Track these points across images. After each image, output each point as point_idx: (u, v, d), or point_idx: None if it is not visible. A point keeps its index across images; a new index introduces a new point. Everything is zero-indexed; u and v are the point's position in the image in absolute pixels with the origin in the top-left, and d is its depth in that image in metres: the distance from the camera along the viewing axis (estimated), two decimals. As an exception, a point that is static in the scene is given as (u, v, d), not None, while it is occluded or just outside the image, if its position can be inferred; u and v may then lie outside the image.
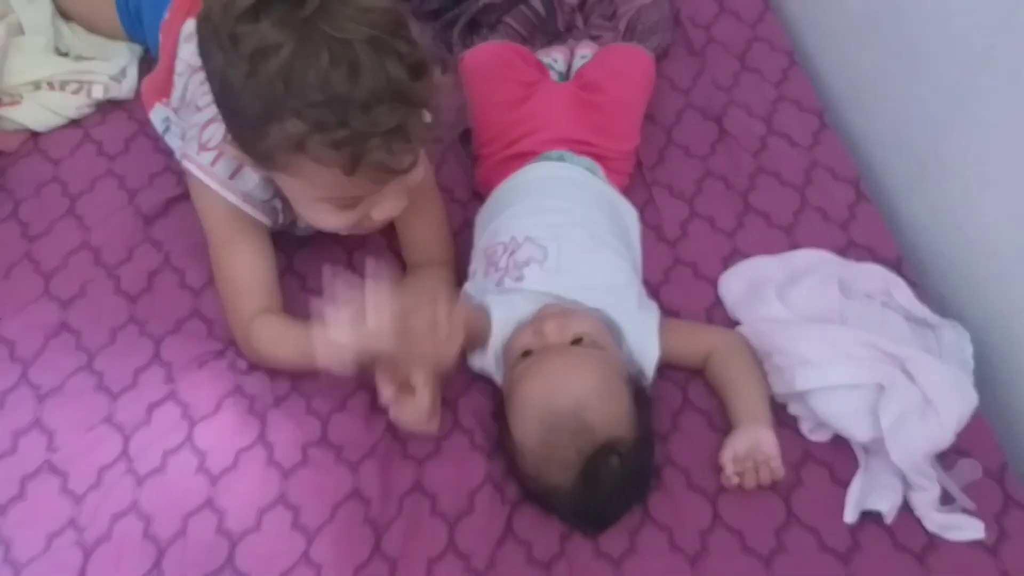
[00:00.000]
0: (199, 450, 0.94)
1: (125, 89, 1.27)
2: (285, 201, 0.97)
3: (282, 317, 0.98)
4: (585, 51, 1.24)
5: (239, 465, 0.93)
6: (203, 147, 0.96)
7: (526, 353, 0.91)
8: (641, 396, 0.91)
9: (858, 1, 1.21)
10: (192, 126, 1.00)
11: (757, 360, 0.97)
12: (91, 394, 0.99)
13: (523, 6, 1.29)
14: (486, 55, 1.17)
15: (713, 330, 1.02)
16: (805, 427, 0.96)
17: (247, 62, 0.76)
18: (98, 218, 1.14)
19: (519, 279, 0.97)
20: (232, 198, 0.96)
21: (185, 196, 1.15)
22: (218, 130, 0.94)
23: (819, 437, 0.95)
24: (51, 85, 1.24)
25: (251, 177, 0.95)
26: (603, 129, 1.11)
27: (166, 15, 1.18)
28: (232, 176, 0.96)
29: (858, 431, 0.90)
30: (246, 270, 0.99)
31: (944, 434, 0.87)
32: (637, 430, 0.87)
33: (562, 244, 0.99)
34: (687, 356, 0.99)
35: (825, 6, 1.30)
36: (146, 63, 1.30)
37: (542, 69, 1.20)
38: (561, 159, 1.09)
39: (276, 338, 0.96)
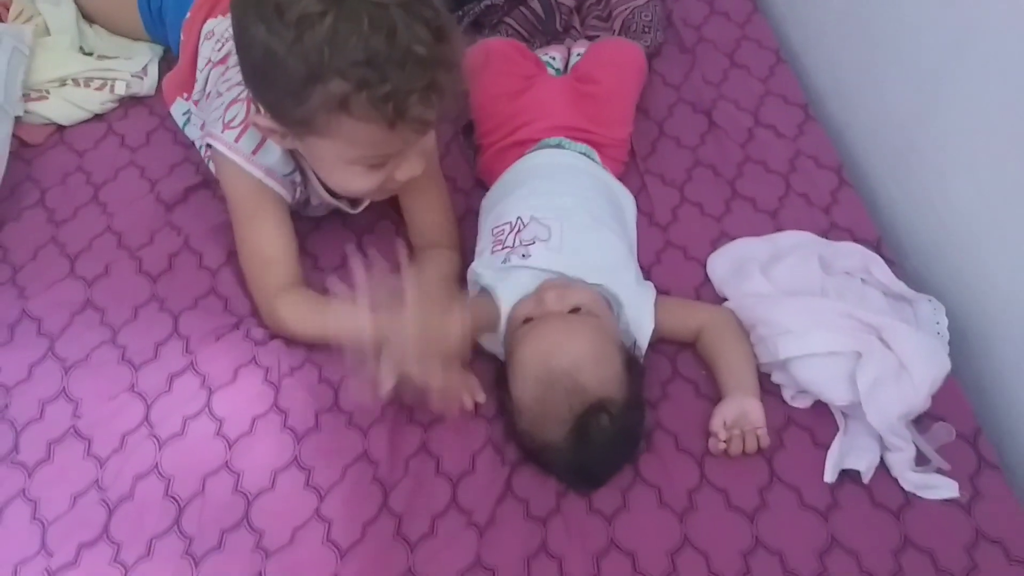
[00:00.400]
0: (217, 417, 1.00)
1: (146, 86, 1.34)
2: (303, 175, 1.03)
3: (307, 293, 1.05)
4: (580, 49, 1.31)
5: (255, 430, 0.99)
6: (227, 126, 1.03)
7: (527, 320, 0.97)
8: (633, 363, 0.97)
9: (840, 1, 1.27)
10: (215, 108, 1.07)
11: (745, 334, 1.02)
12: (114, 365, 1.05)
13: (523, 8, 1.35)
14: (488, 50, 1.24)
15: (705, 307, 1.08)
16: (787, 394, 1.01)
17: (293, 29, 0.82)
18: (121, 205, 1.21)
19: (525, 256, 1.03)
20: (256, 172, 1.02)
21: (203, 184, 1.23)
22: (240, 110, 1.02)
23: (801, 403, 1.00)
24: (76, 82, 1.30)
25: (273, 151, 1.02)
26: (597, 117, 1.18)
27: (187, 15, 1.25)
28: (255, 151, 1.02)
29: (837, 395, 0.95)
30: (271, 243, 1.05)
31: (918, 397, 0.92)
32: (627, 392, 0.93)
33: (565, 224, 1.05)
34: (680, 331, 1.04)
35: (810, 6, 1.37)
36: (165, 62, 1.37)
37: (540, 65, 1.27)
38: (560, 146, 1.16)
39: (303, 316, 1.03)
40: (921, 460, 0.95)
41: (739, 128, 1.27)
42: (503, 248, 1.05)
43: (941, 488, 0.93)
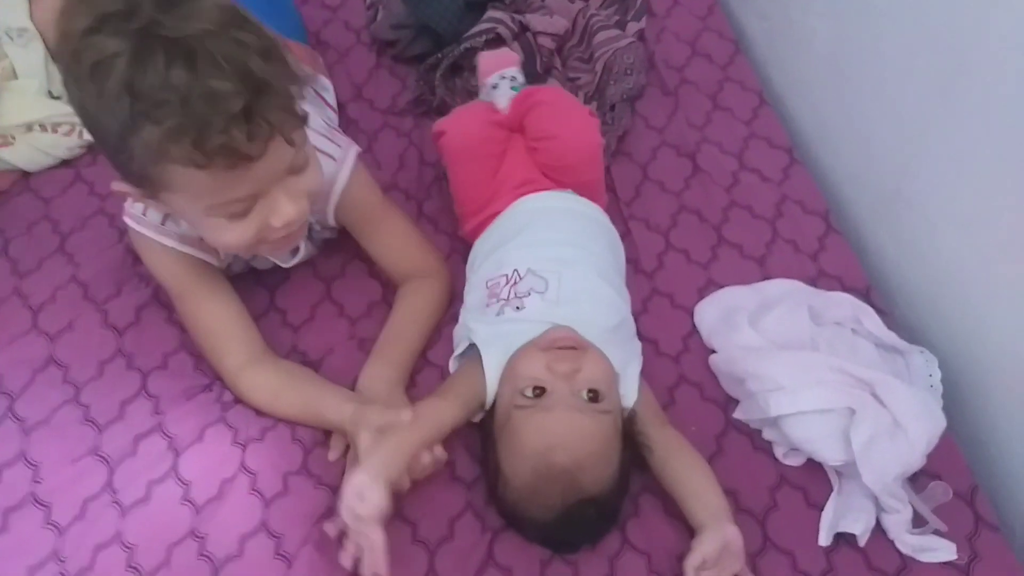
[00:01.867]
0: (183, 480, 0.95)
1: None
2: None
3: (271, 369, 1.01)
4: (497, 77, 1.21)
5: (223, 494, 0.94)
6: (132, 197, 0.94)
7: (537, 389, 0.89)
8: (626, 444, 0.91)
9: (823, 44, 1.26)
10: None
11: (697, 454, 0.94)
12: (77, 426, 1.00)
13: (504, 49, 1.33)
14: (463, 137, 1.10)
15: (666, 431, 0.97)
16: (779, 452, 0.98)
17: (90, 80, 0.75)
18: (88, 255, 1.16)
19: (519, 308, 0.98)
20: (168, 242, 0.97)
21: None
22: None
23: (793, 461, 0.97)
24: (43, 127, 1.26)
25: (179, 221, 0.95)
26: (560, 166, 1.10)
27: None
28: (164, 221, 0.96)
29: (830, 454, 0.92)
30: (216, 320, 1.01)
31: (914, 455, 0.89)
32: (617, 483, 0.89)
33: (563, 277, 0.99)
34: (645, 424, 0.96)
35: (792, 49, 1.35)
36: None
37: (503, 128, 1.13)
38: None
39: (272, 395, 1.00)
40: (918, 521, 0.92)
41: (724, 172, 1.24)
42: (497, 301, 1.00)
43: (939, 551, 0.91)
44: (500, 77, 1.20)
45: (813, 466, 0.97)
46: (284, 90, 0.80)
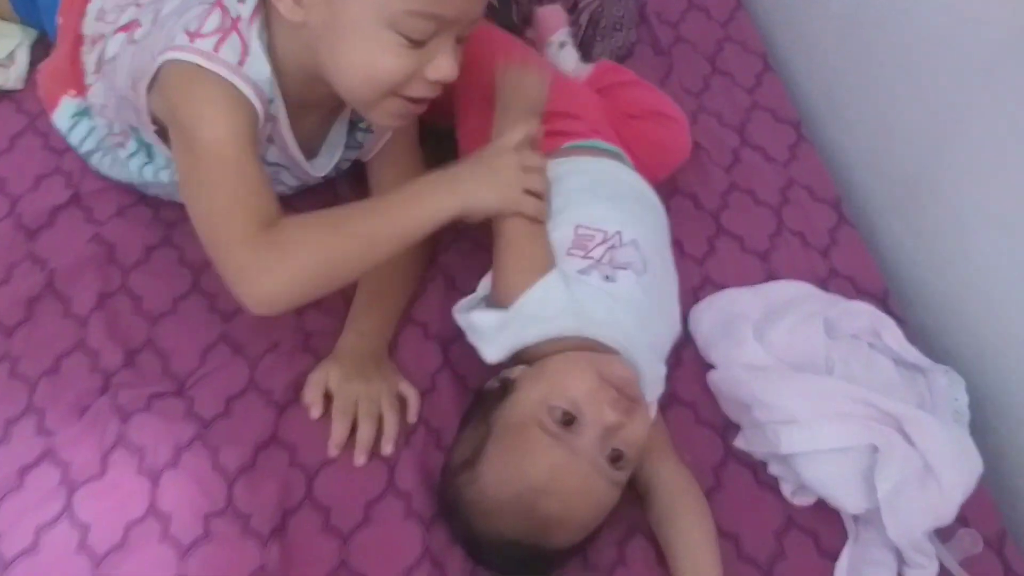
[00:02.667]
0: (80, 523, 0.79)
1: (13, 77, 1.10)
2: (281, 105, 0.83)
3: (314, 217, 0.80)
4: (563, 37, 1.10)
5: (128, 542, 0.78)
6: (197, 34, 0.78)
7: (567, 415, 0.76)
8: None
9: (839, 0, 1.11)
10: (168, 35, 0.80)
11: (706, 506, 0.82)
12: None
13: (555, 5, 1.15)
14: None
15: (673, 463, 0.85)
16: (787, 489, 0.86)
17: None
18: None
19: (609, 279, 0.84)
20: (245, 88, 0.77)
21: (74, 202, 1.00)
22: (216, 18, 0.78)
23: (803, 501, 0.85)
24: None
25: (261, 63, 0.79)
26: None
27: None
28: (240, 63, 0.77)
29: (849, 501, 0.80)
30: (260, 170, 0.79)
31: (947, 506, 0.78)
32: (580, 545, 0.79)
33: (656, 268, 0.87)
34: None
35: (802, 5, 1.20)
36: (42, 47, 1.12)
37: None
38: (618, 154, 0.97)
39: (310, 220, 0.79)
40: (943, 574, 0.80)
41: (723, 149, 1.10)
42: (585, 258, 0.85)
43: (965, 608, 0.79)
44: (566, 35, 1.09)
45: (825, 507, 0.85)
46: None
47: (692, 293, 0.98)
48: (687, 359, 0.94)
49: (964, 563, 0.81)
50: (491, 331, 0.83)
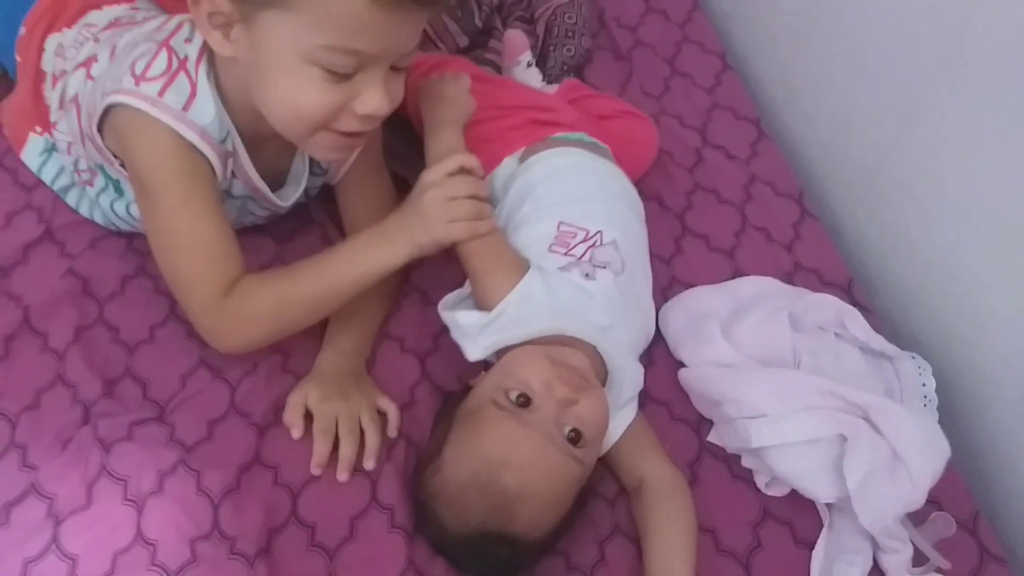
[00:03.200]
0: (68, 555, 0.79)
1: None
2: (237, 141, 0.84)
3: (269, 276, 0.86)
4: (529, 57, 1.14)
5: (116, 571, 0.79)
6: (143, 78, 0.79)
7: (521, 396, 0.78)
8: (579, 505, 0.81)
9: (794, -2, 1.13)
10: (116, 76, 0.82)
11: (691, 508, 0.83)
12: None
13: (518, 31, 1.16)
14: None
15: (660, 460, 0.86)
16: (761, 481, 0.87)
17: None
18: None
19: (589, 276, 0.87)
20: (190, 134, 0.80)
21: (47, 237, 1.00)
22: (163, 60, 0.80)
23: (777, 491, 0.87)
24: None
25: (207, 107, 0.80)
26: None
27: (21, 31, 1.02)
28: (186, 107, 0.79)
29: (821, 491, 0.82)
30: (216, 230, 0.82)
31: (917, 492, 0.79)
32: (550, 536, 0.79)
33: (634, 269, 0.91)
34: (623, 467, 0.87)
35: (757, 2, 1.21)
36: (4, 84, 1.12)
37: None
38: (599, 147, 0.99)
39: (264, 287, 0.84)
40: (918, 557, 0.82)
41: (686, 150, 1.12)
42: (567, 254, 0.88)
43: (942, 590, 0.81)
44: (531, 56, 1.14)
45: (800, 496, 0.86)
46: None
47: (661, 293, 1.00)
48: (659, 357, 0.96)
49: (938, 545, 0.82)
50: (474, 331, 0.85)
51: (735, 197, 1.08)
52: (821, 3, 1.08)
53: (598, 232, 0.89)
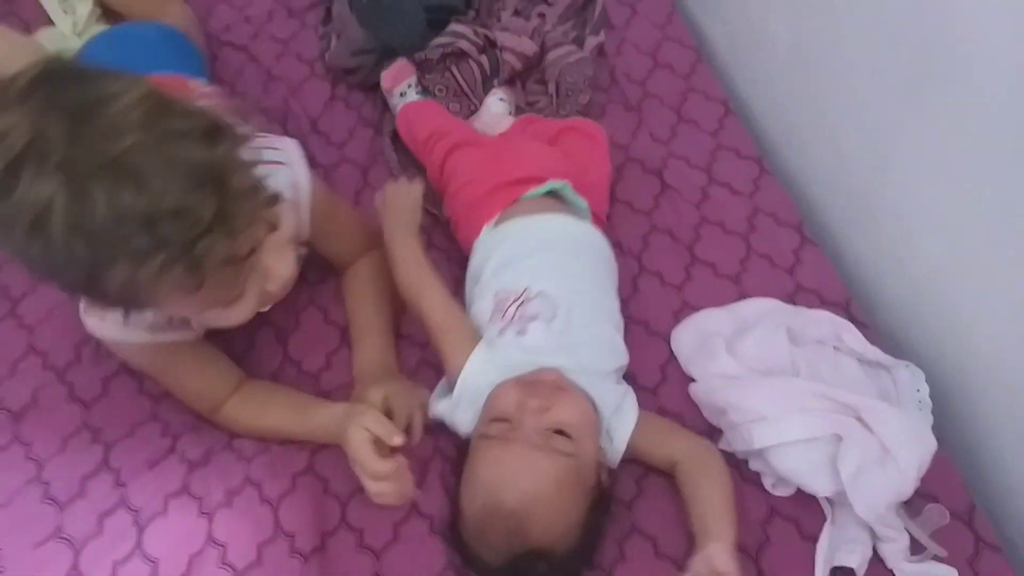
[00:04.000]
0: (150, 558, 0.91)
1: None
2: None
3: (250, 393, 0.99)
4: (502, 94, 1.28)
5: (192, 571, 0.90)
6: (84, 311, 0.91)
7: (499, 419, 0.87)
8: (599, 501, 0.87)
9: (785, 42, 1.22)
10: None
11: (726, 469, 0.91)
12: (37, 506, 0.95)
13: (470, 61, 1.30)
14: (415, 108, 1.22)
15: (684, 436, 0.96)
16: (768, 482, 0.94)
17: (31, 236, 0.67)
18: (40, 319, 1.11)
19: (522, 333, 0.94)
20: (138, 338, 0.90)
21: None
22: None
23: (783, 492, 0.94)
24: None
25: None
26: (578, 158, 1.14)
27: None
28: (126, 320, 0.84)
29: (819, 485, 0.89)
30: (195, 380, 0.97)
31: (905, 482, 0.86)
32: (578, 538, 0.85)
33: (573, 310, 0.96)
34: (654, 456, 0.94)
35: (754, 53, 1.32)
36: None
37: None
38: (563, 191, 1.08)
39: (254, 417, 0.98)
40: (916, 547, 0.89)
41: (692, 187, 1.21)
42: (502, 319, 0.96)
43: (940, 576, 0.87)
44: (407, 86, 1.27)
45: (804, 496, 0.93)
46: (244, 166, 0.74)
47: (673, 316, 1.09)
48: (672, 375, 1.04)
49: (934, 535, 0.89)
50: (450, 414, 0.94)
51: (740, 228, 1.16)
52: (810, 47, 1.17)
53: (525, 288, 0.97)
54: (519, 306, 0.96)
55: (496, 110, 1.27)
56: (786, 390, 0.92)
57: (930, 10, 0.93)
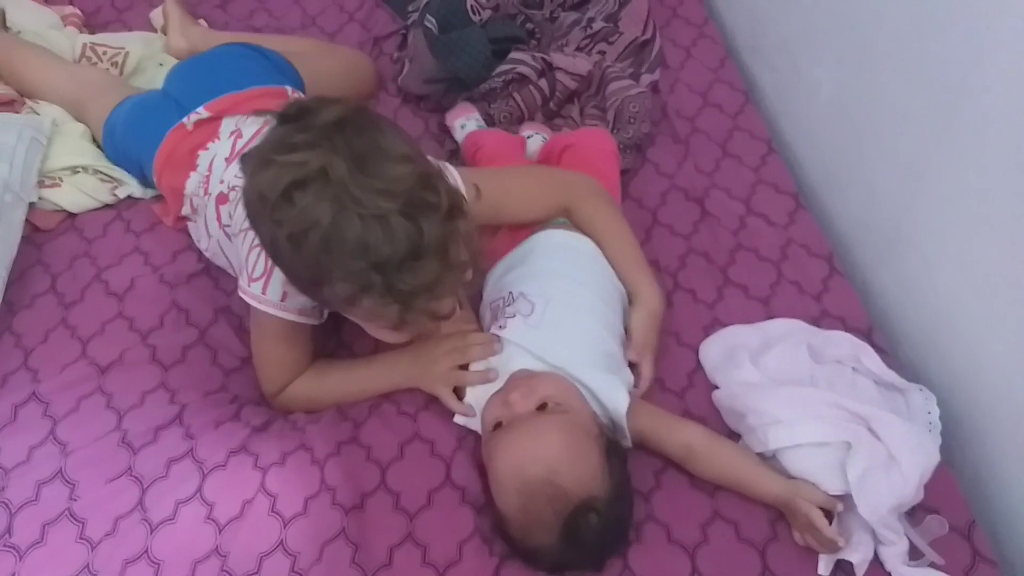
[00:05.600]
0: (207, 501, 1.00)
1: (150, 193, 1.36)
2: None
3: (307, 379, 1.10)
4: (531, 131, 1.38)
5: (244, 515, 0.99)
6: (251, 278, 1.03)
7: (497, 425, 0.97)
8: (613, 449, 0.95)
9: (828, 94, 1.31)
10: (236, 256, 1.10)
11: (732, 443, 1.01)
12: (114, 448, 1.06)
13: (531, 87, 1.41)
14: (484, 133, 1.32)
15: (695, 424, 1.04)
16: (779, 484, 1.00)
17: (290, 241, 0.84)
18: (126, 288, 1.23)
19: (503, 328, 1.05)
20: (289, 316, 1.04)
21: (205, 272, 1.26)
22: (260, 257, 1.02)
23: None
24: (86, 169, 1.34)
25: (300, 295, 1.00)
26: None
27: (154, 171, 1.28)
28: (283, 298, 1.02)
29: (829, 485, 0.94)
30: (296, 358, 1.09)
31: (907, 488, 0.92)
32: (611, 484, 0.92)
33: (551, 304, 1.06)
34: (666, 443, 1.01)
35: (800, 99, 1.41)
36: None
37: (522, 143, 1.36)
38: (565, 225, 1.18)
39: (311, 386, 1.10)
40: (915, 554, 0.94)
41: (731, 216, 1.29)
42: (495, 323, 1.08)
43: (935, 583, 0.92)
44: (467, 119, 1.41)
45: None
46: (465, 240, 0.88)
47: (703, 331, 1.16)
48: (698, 383, 1.11)
49: (933, 545, 0.94)
50: (472, 424, 1.04)
51: (772, 256, 1.23)
52: (851, 96, 1.25)
53: (508, 293, 1.08)
54: (504, 308, 1.08)
55: (532, 148, 1.37)
56: (802, 397, 0.99)
57: (960, 61, 1.01)
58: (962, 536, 0.96)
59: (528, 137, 1.38)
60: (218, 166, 1.19)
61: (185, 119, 1.24)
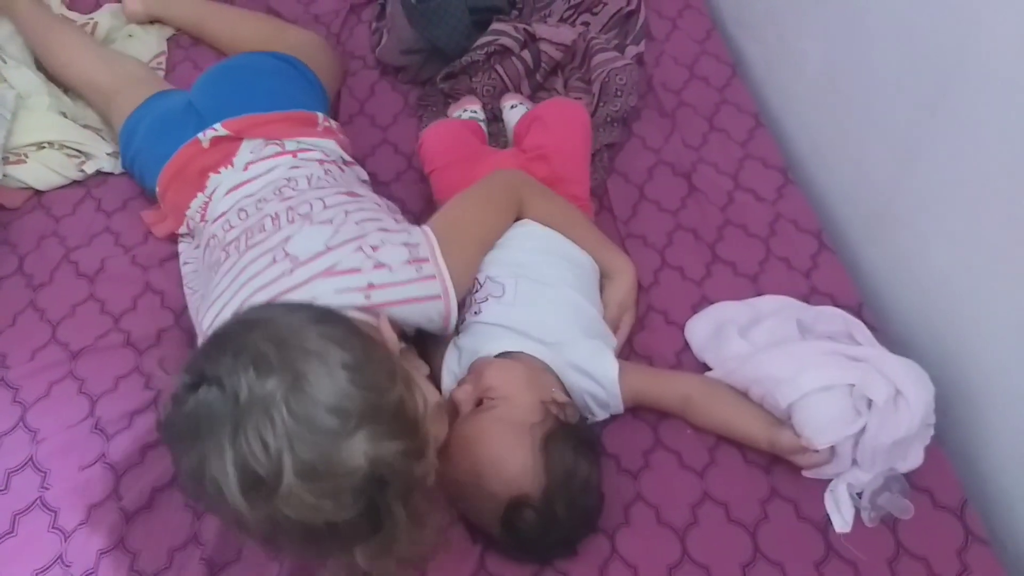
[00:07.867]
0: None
1: (119, 169, 1.31)
2: None
3: None
4: (514, 101, 1.34)
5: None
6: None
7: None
8: (559, 436, 0.92)
9: (816, 66, 1.29)
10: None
11: (732, 390, 1.01)
12: (87, 435, 1.03)
13: (514, 58, 1.37)
14: (442, 131, 1.25)
15: (686, 375, 1.06)
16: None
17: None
18: (96, 269, 1.20)
19: (477, 313, 1.04)
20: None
21: (174, 256, 1.22)
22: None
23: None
24: (52, 145, 1.29)
25: None
26: (551, 177, 1.18)
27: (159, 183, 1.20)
28: None
29: (847, 430, 0.94)
30: None
31: (914, 420, 0.93)
32: (548, 476, 0.89)
33: (520, 282, 1.06)
34: (664, 396, 1.02)
35: (787, 72, 1.38)
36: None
37: (484, 142, 1.31)
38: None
39: None
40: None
41: (719, 192, 1.27)
42: (469, 310, 1.06)
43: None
44: (463, 110, 1.36)
45: (805, 480, 0.98)
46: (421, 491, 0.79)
47: (691, 309, 1.14)
48: (686, 361, 1.09)
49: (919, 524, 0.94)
50: None
51: (761, 232, 1.21)
52: (840, 69, 1.22)
53: (475, 283, 1.07)
54: (473, 295, 1.06)
55: (513, 118, 1.33)
56: (797, 352, 0.99)
57: (954, 31, 0.99)
58: (955, 515, 0.95)
59: (512, 107, 1.34)
60: (218, 196, 1.12)
61: (201, 135, 1.15)
